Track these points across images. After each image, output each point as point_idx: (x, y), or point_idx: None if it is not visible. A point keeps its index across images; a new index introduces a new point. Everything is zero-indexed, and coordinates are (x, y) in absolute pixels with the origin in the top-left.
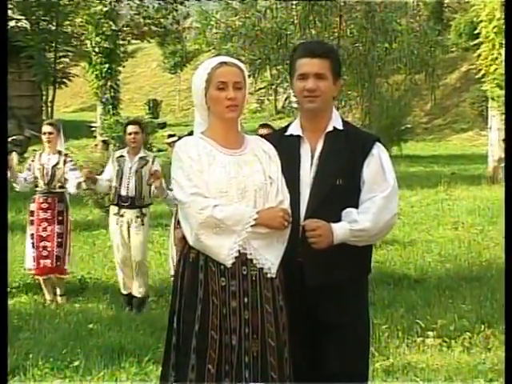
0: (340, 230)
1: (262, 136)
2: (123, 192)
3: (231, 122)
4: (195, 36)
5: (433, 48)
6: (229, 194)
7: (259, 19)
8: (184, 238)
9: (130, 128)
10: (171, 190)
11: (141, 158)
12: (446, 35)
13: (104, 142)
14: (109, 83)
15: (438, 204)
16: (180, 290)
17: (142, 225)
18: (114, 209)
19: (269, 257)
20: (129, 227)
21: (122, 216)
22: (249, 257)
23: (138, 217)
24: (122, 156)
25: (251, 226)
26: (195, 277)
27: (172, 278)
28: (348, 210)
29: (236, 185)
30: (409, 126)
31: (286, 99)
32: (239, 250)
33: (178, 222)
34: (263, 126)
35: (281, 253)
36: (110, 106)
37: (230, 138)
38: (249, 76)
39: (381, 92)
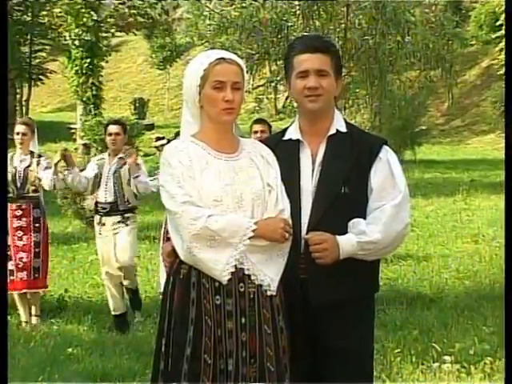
0: (347, 243)
1: (256, 133)
2: (102, 198)
3: (226, 125)
4: (186, 28)
5: (450, 41)
6: (224, 202)
7: (257, 9)
8: (174, 251)
9: (111, 128)
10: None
11: (120, 158)
12: (465, 27)
13: (85, 145)
14: (90, 80)
15: (455, 214)
16: (169, 309)
17: (128, 227)
18: (96, 218)
19: (268, 272)
20: (114, 236)
21: (103, 225)
22: (246, 272)
23: (120, 222)
24: (101, 159)
25: (249, 238)
26: (187, 295)
27: (161, 296)
28: (355, 220)
29: (231, 193)
30: (423, 127)
31: (287, 98)
32: (236, 265)
33: (167, 234)
34: (258, 121)
35: (281, 268)
36: (92, 106)
37: (224, 141)
38: (246, 72)
39: (392, 90)
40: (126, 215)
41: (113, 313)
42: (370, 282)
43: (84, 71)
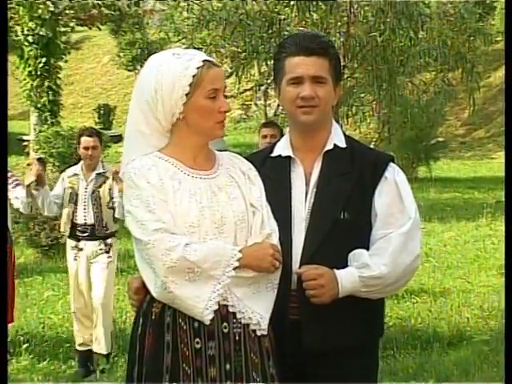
0: (347, 279)
1: (265, 138)
2: (80, 219)
3: (211, 140)
4: (160, 22)
5: (472, 37)
6: (202, 228)
7: (244, 0)
8: (143, 287)
9: (87, 141)
10: None
11: (98, 174)
12: (490, 21)
13: (40, 160)
14: (46, 83)
15: (479, 242)
16: (139, 357)
17: (108, 257)
18: (70, 242)
19: (257, 308)
20: (90, 264)
21: (80, 250)
22: (231, 310)
23: (101, 249)
24: (75, 174)
25: (234, 268)
26: (160, 339)
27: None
28: (356, 251)
29: (210, 216)
30: (440, 139)
31: (279, 104)
32: (219, 302)
33: None
34: (267, 124)
35: (271, 303)
36: (48, 114)
37: (200, 157)
38: (230, 74)
39: (404, 95)
40: (108, 241)
41: (78, 348)
42: (373, 324)
43: (39, 72)
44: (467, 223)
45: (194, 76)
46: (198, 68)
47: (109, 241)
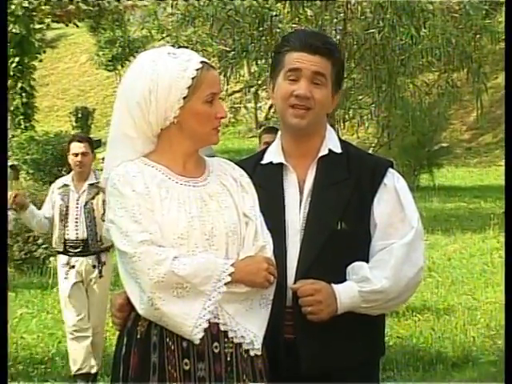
0: (346, 294)
1: (267, 144)
2: (72, 235)
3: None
4: (142, 18)
5: (478, 35)
6: (191, 240)
7: None
8: (127, 304)
9: (76, 147)
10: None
11: (90, 185)
12: (497, 17)
13: (12, 167)
14: (19, 84)
15: (485, 255)
16: (124, 378)
17: (101, 277)
18: (61, 259)
19: (250, 327)
20: (82, 281)
21: (72, 267)
22: (222, 328)
23: (94, 266)
24: (65, 185)
25: (225, 283)
26: (146, 360)
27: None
28: (356, 264)
29: (200, 227)
30: (444, 144)
31: (270, 107)
32: (209, 320)
33: None
34: (269, 130)
35: (265, 321)
36: (22, 117)
37: (189, 163)
38: (218, 74)
39: (404, 97)
40: (102, 258)
41: (76, 372)
42: (374, 342)
43: (11, 73)
44: (473, 235)
45: (193, 78)
46: (197, 70)
47: (103, 258)
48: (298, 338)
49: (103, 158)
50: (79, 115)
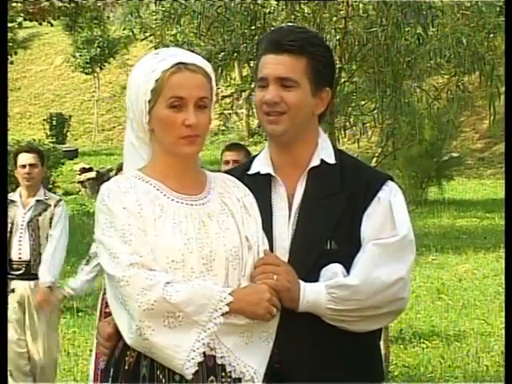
0: (312, 289)
1: (227, 164)
2: (15, 255)
3: (188, 159)
4: (123, 16)
5: (492, 35)
6: (186, 264)
7: None
8: (115, 333)
9: (24, 158)
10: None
11: (38, 201)
12: None
13: None
14: None
15: (499, 276)
16: None
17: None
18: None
19: (250, 362)
20: (24, 310)
21: (12, 291)
22: (219, 362)
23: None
24: (11, 202)
25: (223, 314)
26: None
27: None
28: (329, 266)
29: (197, 250)
30: (455, 154)
31: None
32: (204, 352)
33: (106, 307)
34: (231, 147)
35: (267, 356)
36: None
37: (186, 178)
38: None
39: (411, 103)
40: None
41: None
42: (369, 371)
43: None
44: (486, 254)
45: (156, 80)
46: (163, 71)
47: None
48: (285, 368)
49: (81, 169)
50: (54, 122)
